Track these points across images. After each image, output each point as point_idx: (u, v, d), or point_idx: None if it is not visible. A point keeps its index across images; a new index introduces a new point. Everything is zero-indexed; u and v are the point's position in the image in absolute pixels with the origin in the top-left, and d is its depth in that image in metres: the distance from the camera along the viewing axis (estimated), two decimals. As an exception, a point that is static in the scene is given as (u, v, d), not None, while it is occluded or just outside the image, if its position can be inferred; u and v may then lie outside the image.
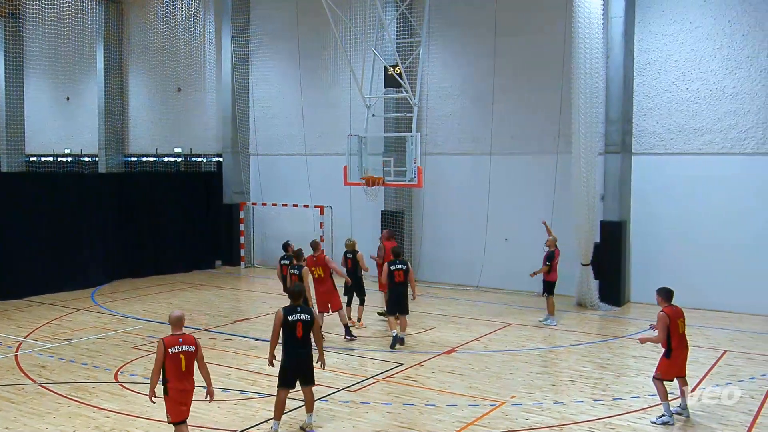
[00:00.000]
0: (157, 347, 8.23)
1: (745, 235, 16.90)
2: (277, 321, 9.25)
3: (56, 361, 13.03)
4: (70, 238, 20.19)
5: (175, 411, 8.36)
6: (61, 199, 20.22)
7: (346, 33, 19.70)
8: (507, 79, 19.82)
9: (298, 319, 9.24)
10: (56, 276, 19.66)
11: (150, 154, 28.25)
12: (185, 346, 8.27)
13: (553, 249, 15.88)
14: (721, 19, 17.16)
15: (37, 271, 19.36)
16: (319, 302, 14.36)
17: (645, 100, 18.11)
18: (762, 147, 16.80)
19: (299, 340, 9.28)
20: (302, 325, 9.26)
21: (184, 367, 8.25)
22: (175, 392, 8.25)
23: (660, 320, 9.75)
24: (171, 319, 8.46)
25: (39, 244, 19.45)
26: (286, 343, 9.30)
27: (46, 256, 19.62)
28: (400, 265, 14.20)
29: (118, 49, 28.34)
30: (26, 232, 19.17)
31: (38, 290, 19.04)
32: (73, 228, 20.31)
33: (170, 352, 8.18)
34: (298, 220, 23.22)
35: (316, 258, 14.48)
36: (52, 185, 20.63)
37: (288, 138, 24.16)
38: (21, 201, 19.29)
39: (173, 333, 8.35)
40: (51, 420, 9.99)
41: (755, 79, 16.83)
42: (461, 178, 20.79)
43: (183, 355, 8.24)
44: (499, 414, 10.23)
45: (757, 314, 16.60)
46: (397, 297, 14.16)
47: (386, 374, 12.19)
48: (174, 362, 8.20)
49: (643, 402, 10.73)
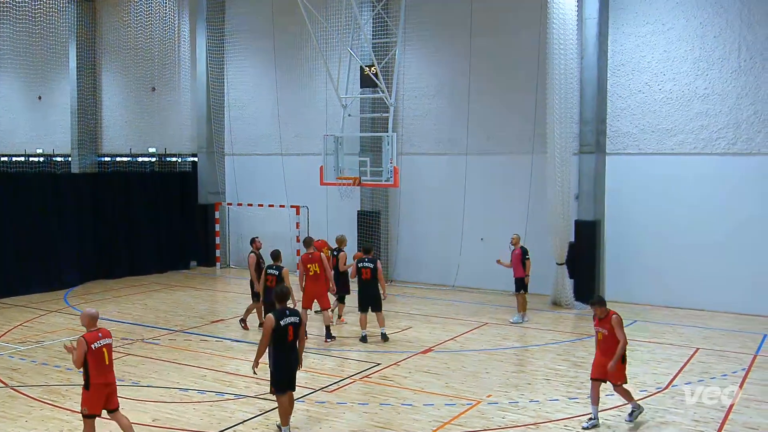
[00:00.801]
0: (78, 344, 8.37)
1: (717, 234, 17.14)
2: (268, 326, 9.08)
3: (28, 363, 12.85)
4: (43, 239, 19.93)
5: (94, 404, 8.51)
6: (33, 200, 19.94)
7: (321, 33, 19.64)
8: (482, 79, 19.90)
9: (289, 322, 9.16)
10: (28, 277, 19.39)
11: (124, 154, 27.95)
12: (105, 339, 8.57)
13: (520, 246, 16.12)
14: (692, 21, 17.38)
15: (8, 272, 19.08)
16: (307, 299, 14.40)
17: (619, 101, 18.29)
18: (733, 147, 17.05)
19: (290, 344, 9.22)
20: (293, 329, 9.20)
21: (107, 361, 8.53)
22: (98, 386, 8.45)
23: (618, 323, 9.65)
24: (87, 317, 8.63)
25: (10, 245, 19.17)
26: (277, 347, 9.16)
27: (18, 257, 19.34)
28: (368, 263, 14.35)
29: (91, 48, 28.02)
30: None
31: (9, 292, 18.74)
32: (46, 229, 20.05)
33: (93, 348, 8.40)
34: (274, 220, 23.13)
35: (312, 255, 14.50)
36: (24, 185, 20.34)
37: (264, 138, 24.06)
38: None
39: (90, 330, 8.54)
40: (23, 424, 9.85)
41: (726, 80, 17.07)
42: (437, 178, 20.85)
43: (105, 349, 8.54)
44: (475, 413, 10.27)
45: (729, 312, 16.83)
46: (365, 294, 14.37)
47: (363, 374, 12.19)
48: (97, 357, 8.43)
49: (617, 400, 10.82)
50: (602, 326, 9.76)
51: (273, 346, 9.18)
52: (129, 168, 27.36)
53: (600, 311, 9.79)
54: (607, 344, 9.71)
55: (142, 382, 11.73)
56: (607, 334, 9.68)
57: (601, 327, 9.78)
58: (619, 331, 9.60)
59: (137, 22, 26.20)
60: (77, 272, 20.99)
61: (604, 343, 9.77)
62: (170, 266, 23.64)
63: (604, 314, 9.76)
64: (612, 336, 9.63)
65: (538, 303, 18.14)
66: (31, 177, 22.83)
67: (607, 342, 9.71)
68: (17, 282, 19.12)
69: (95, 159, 28.47)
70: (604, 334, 9.72)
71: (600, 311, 9.79)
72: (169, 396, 11.04)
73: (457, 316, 17.03)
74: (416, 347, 13.99)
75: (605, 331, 9.71)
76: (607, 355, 9.67)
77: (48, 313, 17.07)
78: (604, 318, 9.76)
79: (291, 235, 22.82)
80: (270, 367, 9.30)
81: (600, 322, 9.81)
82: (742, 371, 12.34)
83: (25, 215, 19.58)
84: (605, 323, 9.73)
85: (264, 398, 10.78)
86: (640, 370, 12.37)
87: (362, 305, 14.44)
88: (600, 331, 9.80)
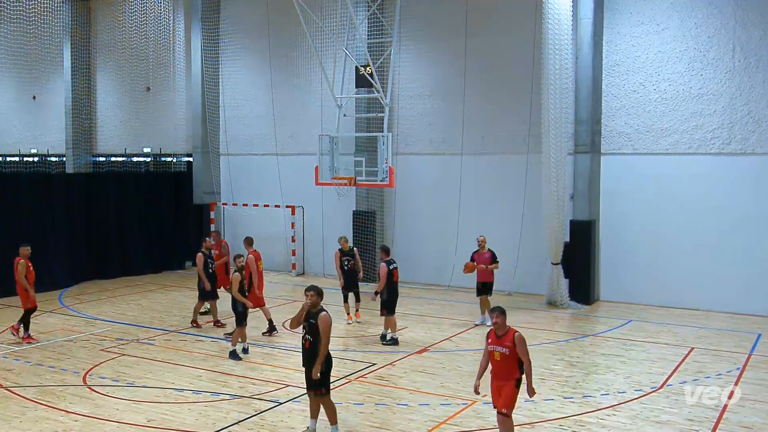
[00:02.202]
0: None
1: (712, 233, 17.18)
2: (330, 326, 9.06)
3: (23, 364, 12.81)
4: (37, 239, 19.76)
5: None
6: (27, 200, 19.87)
7: (317, 33, 19.64)
8: (478, 79, 19.91)
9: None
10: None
11: (119, 154, 27.89)
12: None
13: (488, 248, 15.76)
14: (687, 22, 17.42)
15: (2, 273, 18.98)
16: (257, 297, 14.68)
17: (613, 101, 18.32)
18: (727, 147, 17.09)
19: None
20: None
21: None
22: None
23: (522, 341, 8.44)
24: None
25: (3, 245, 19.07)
26: None
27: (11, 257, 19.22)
28: (395, 264, 14.30)
29: (85, 48, 27.96)
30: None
31: (3, 292, 18.67)
32: (40, 229, 19.97)
33: None
34: (270, 220, 23.11)
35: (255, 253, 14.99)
36: (19, 186, 20.26)
37: (259, 138, 24.03)
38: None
39: None
40: (17, 424, 9.82)
41: (720, 80, 17.12)
42: (432, 177, 20.85)
43: None
44: (471, 413, 10.28)
45: (723, 311, 16.87)
46: (397, 296, 14.24)
47: (358, 374, 12.18)
48: None
49: (613, 399, 10.86)
50: (501, 344, 8.45)
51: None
52: (124, 168, 27.30)
53: (501, 325, 8.47)
54: (504, 366, 8.43)
55: (138, 383, 11.71)
56: (507, 354, 8.38)
57: (499, 345, 8.46)
58: (524, 350, 8.39)
59: (132, 21, 26.17)
60: (72, 272, 20.92)
61: (500, 365, 8.47)
62: (165, 266, 23.58)
63: (504, 331, 8.47)
64: (513, 356, 8.37)
65: (533, 303, 18.16)
66: (25, 177, 22.77)
67: (505, 363, 8.42)
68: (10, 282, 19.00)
69: (90, 159, 28.41)
70: (504, 354, 8.40)
71: (501, 325, 8.47)
72: (164, 396, 11.02)
73: (453, 315, 17.03)
74: (412, 347, 13.99)
75: (505, 350, 8.39)
76: (502, 380, 8.50)
77: (43, 314, 17.01)
78: (503, 335, 8.45)
79: (286, 235, 22.80)
80: (323, 367, 9.02)
81: (498, 339, 8.49)
82: (736, 370, 12.37)
83: (19, 215, 19.50)
84: (505, 341, 8.42)
85: (259, 398, 10.78)
86: (635, 370, 12.41)
87: (394, 307, 14.21)
88: (498, 350, 8.46)
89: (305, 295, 9.09)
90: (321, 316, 8.98)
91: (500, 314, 8.53)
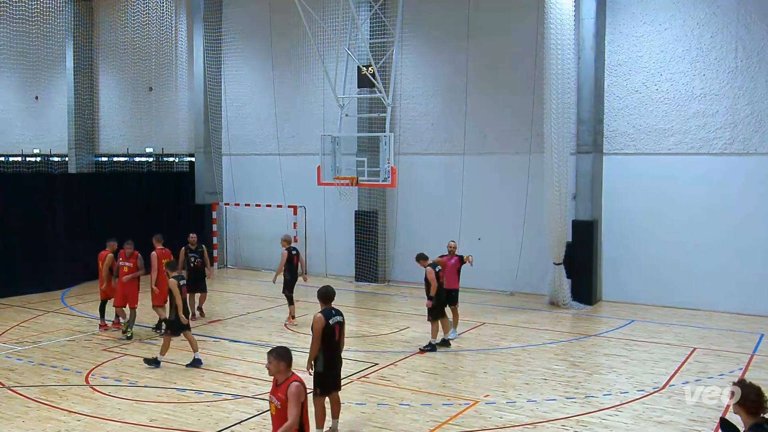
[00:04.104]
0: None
1: (714, 233, 17.17)
2: (319, 326, 8.93)
3: (25, 364, 12.83)
4: (39, 239, 19.89)
5: None
6: (30, 200, 19.91)
7: (319, 32, 19.65)
8: (480, 79, 19.91)
9: (336, 321, 9.14)
10: (25, 277, 19.34)
11: (121, 154, 27.94)
12: None
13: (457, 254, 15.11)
14: (689, 21, 17.40)
15: (5, 272, 19.04)
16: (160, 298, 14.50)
17: (616, 101, 18.31)
18: (729, 147, 17.07)
19: (336, 343, 9.21)
20: (339, 328, 9.19)
21: None
22: None
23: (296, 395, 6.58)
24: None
25: (7, 245, 19.14)
26: (325, 347, 9.02)
27: (15, 257, 19.31)
28: (440, 267, 14.07)
29: (88, 48, 28.02)
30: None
31: (6, 292, 18.71)
32: (42, 229, 20.01)
33: None
34: (272, 220, 23.12)
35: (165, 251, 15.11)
36: (21, 186, 20.29)
37: (261, 138, 24.04)
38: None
39: None
40: (20, 424, 9.84)
41: (723, 80, 17.10)
42: (434, 177, 20.85)
43: None
44: (473, 413, 10.28)
45: (726, 311, 16.86)
46: (442, 300, 13.93)
47: (360, 374, 12.18)
48: None
49: (615, 399, 10.85)
50: (276, 395, 6.71)
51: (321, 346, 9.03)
52: (126, 168, 27.35)
53: (274, 371, 6.71)
54: (280, 423, 6.62)
55: (140, 383, 11.72)
56: (280, 409, 6.64)
57: (275, 396, 6.72)
58: (293, 406, 6.54)
59: (134, 22, 26.20)
60: (74, 272, 20.93)
61: (276, 421, 6.71)
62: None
63: (284, 378, 6.70)
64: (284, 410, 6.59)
65: (536, 303, 18.16)
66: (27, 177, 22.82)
67: (280, 419, 6.63)
68: (14, 282, 19.08)
69: (92, 159, 28.46)
70: (278, 409, 6.66)
71: (274, 371, 6.71)
72: (166, 396, 11.03)
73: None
74: (414, 347, 13.99)
75: (278, 403, 6.66)
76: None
77: (45, 314, 17.04)
78: (282, 383, 6.68)
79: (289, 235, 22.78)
80: (316, 368, 9.04)
81: (275, 388, 6.76)
82: (739, 371, 12.36)
83: (22, 215, 19.53)
84: (281, 391, 6.66)
85: (261, 398, 10.78)
86: (638, 370, 12.41)
87: (442, 311, 14.01)
88: (273, 401, 6.74)
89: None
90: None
91: (275, 357, 6.72)
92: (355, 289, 20.74)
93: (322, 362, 9.07)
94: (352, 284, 21.29)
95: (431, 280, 13.66)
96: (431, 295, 13.65)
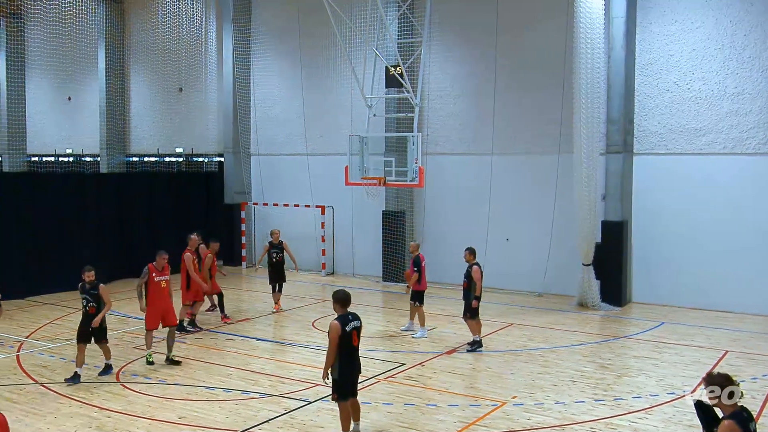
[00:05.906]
0: None
1: (746, 235, 16.89)
2: (335, 333, 8.82)
3: (58, 361, 13.04)
4: (71, 238, 20.18)
5: None
6: (62, 199, 20.19)
7: (347, 33, 19.69)
8: (508, 78, 19.80)
9: (353, 327, 9.02)
10: (58, 276, 19.57)
11: (151, 154, 28.27)
12: None
13: (416, 254, 15.10)
14: (722, 19, 17.14)
15: (39, 270, 19.36)
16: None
17: (646, 100, 18.10)
18: (763, 147, 16.78)
19: (354, 349, 9.08)
20: (356, 333, 9.07)
21: None
22: None
23: None
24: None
25: (41, 244, 19.45)
26: (342, 353, 8.91)
27: (48, 255, 19.61)
28: None
29: (119, 49, 28.39)
30: (28, 232, 19.20)
31: (40, 290, 19.02)
32: (74, 228, 20.30)
33: None
34: (300, 220, 23.23)
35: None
36: (54, 185, 20.60)
37: (289, 138, 24.17)
38: (22, 201, 19.30)
39: None
40: (52, 420, 9.99)
41: (757, 79, 16.82)
42: (462, 178, 20.78)
43: None
44: (500, 414, 10.23)
45: (758, 314, 16.57)
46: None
47: (387, 374, 12.19)
48: None
49: (645, 402, 10.73)
50: None
51: (338, 353, 8.93)
52: (156, 168, 27.66)
53: None
54: None
55: (169, 381, 11.84)
56: None
57: None
58: None
59: (165, 23, 26.48)
60: (105, 271, 21.11)
61: None
62: (196, 265, 23.77)
63: None
64: None
65: (564, 304, 18.03)
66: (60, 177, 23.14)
67: None
68: (46, 281, 19.37)
69: (123, 159, 28.83)
70: None
71: None
72: (195, 394, 11.13)
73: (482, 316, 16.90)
74: (441, 347, 13.97)
75: None
76: None
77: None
78: None
79: (316, 234, 22.90)
80: (333, 374, 8.98)
81: None
82: (772, 374, 12.16)
83: (54, 215, 19.83)
84: None
85: (289, 397, 10.84)
86: (668, 373, 12.25)
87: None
88: None
89: None
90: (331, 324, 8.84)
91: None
92: (383, 289, 20.75)
93: (338, 369, 8.93)
94: (379, 284, 21.31)
95: (477, 280, 13.55)
96: (477, 294, 13.55)
